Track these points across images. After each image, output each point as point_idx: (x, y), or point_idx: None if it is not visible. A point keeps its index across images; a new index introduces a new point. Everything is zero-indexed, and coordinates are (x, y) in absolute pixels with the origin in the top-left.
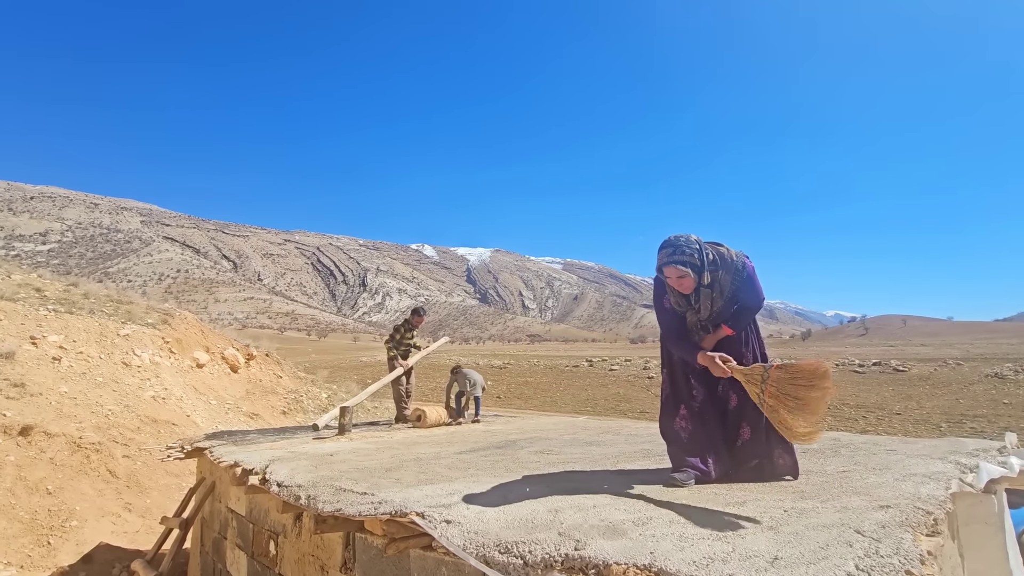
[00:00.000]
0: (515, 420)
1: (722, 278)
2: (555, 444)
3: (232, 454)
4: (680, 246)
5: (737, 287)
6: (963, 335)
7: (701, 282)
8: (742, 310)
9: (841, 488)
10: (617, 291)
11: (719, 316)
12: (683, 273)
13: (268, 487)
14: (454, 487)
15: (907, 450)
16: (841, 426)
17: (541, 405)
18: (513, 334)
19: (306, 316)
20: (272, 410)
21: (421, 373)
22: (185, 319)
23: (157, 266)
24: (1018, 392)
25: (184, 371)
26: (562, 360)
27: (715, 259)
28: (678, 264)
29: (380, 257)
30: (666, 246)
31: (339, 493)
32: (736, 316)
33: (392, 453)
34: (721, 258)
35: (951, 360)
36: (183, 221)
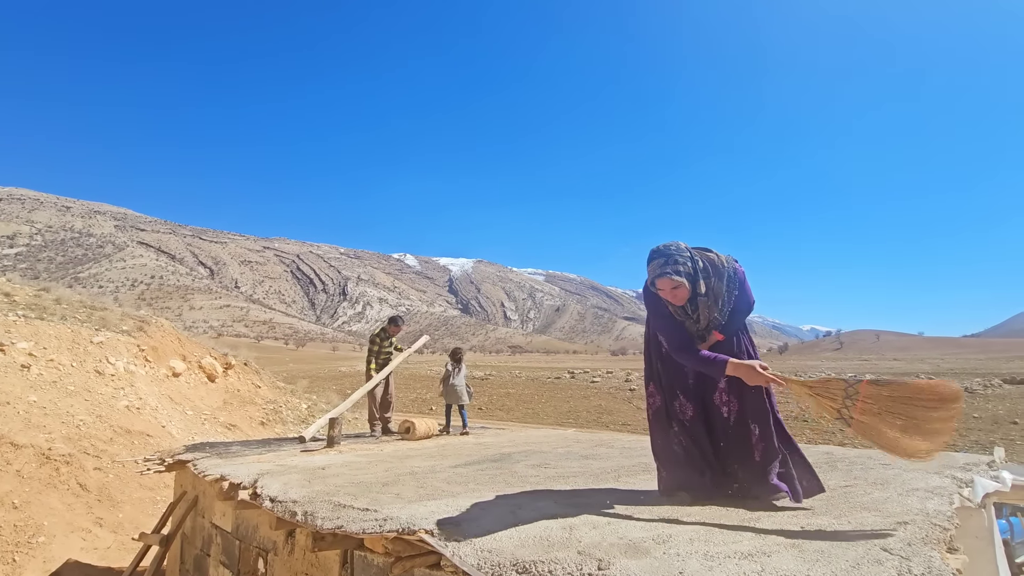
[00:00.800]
0: (505, 432)
1: (715, 285)
2: (551, 457)
3: (217, 467)
4: (672, 255)
5: (731, 293)
6: (933, 350)
7: (697, 291)
8: (734, 314)
9: (848, 504)
10: (599, 303)
11: (714, 324)
12: (677, 284)
13: (260, 502)
14: (458, 503)
15: (902, 463)
16: (820, 439)
17: (523, 417)
18: (495, 345)
19: (284, 325)
20: (250, 421)
21: (402, 384)
22: (161, 327)
23: (131, 272)
24: (987, 406)
25: (160, 380)
26: (544, 372)
27: (706, 266)
28: (672, 275)
29: (361, 266)
30: (656, 256)
31: (338, 509)
32: (728, 321)
33: (386, 467)
34: (712, 265)
35: (923, 374)
36: (159, 226)
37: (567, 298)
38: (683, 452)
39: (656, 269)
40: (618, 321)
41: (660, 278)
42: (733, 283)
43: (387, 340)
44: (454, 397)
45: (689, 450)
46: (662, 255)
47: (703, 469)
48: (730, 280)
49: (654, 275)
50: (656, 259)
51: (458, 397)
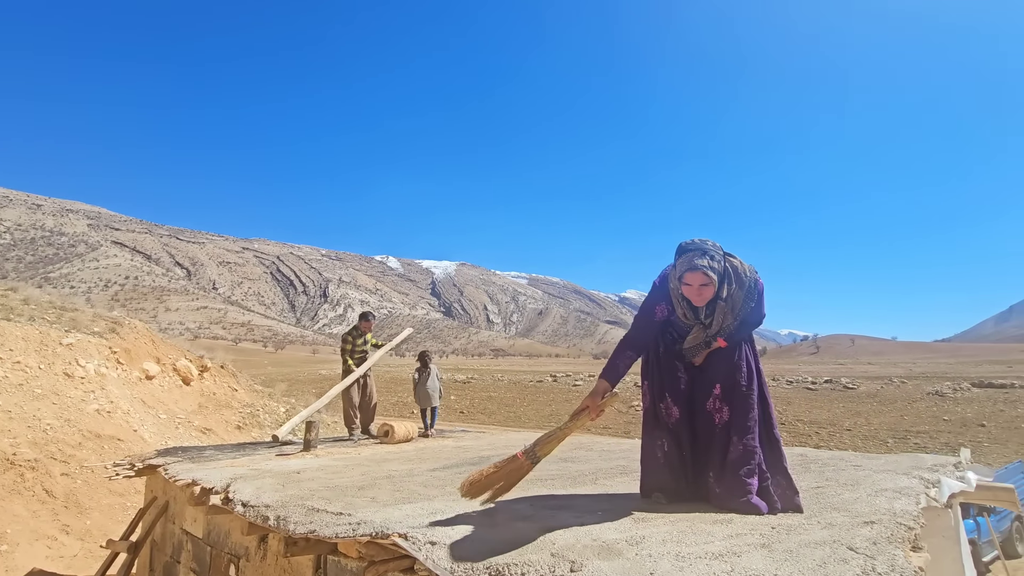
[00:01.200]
0: (485, 436)
1: (735, 293)
2: None
3: (189, 472)
4: (707, 250)
5: (747, 304)
6: (906, 354)
7: (719, 294)
8: (743, 325)
9: (820, 504)
10: (581, 307)
11: (724, 332)
12: (708, 281)
13: (232, 507)
14: (434, 506)
15: (872, 465)
16: (796, 442)
17: (505, 420)
18: (477, 348)
19: (263, 327)
20: (226, 425)
21: (384, 388)
22: (135, 328)
23: (104, 272)
24: (956, 409)
25: (132, 383)
26: (526, 375)
27: (731, 271)
28: (706, 270)
29: (343, 268)
30: (690, 248)
31: (312, 513)
32: (735, 330)
33: (362, 470)
34: (735, 271)
35: (896, 378)
36: (134, 226)
37: (550, 302)
38: (663, 456)
39: (688, 262)
40: (600, 325)
41: (692, 271)
42: (752, 295)
43: (360, 337)
44: (425, 400)
45: (669, 455)
46: (698, 248)
47: (680, 476)
48: (749, 291)
49: (686, 267)
50: (691, 251)
51: (428, 400)
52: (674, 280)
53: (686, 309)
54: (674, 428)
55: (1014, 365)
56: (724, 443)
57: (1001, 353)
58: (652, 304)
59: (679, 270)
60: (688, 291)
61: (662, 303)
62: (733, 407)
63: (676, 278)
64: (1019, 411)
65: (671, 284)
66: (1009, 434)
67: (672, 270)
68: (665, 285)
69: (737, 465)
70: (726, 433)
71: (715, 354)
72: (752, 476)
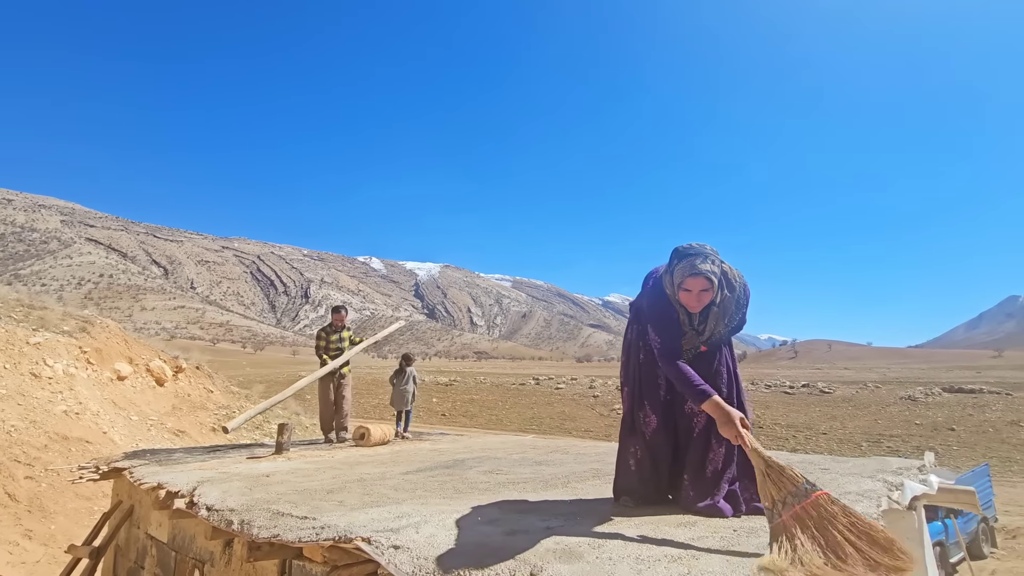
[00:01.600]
0: (462, 439)
1: (727, 299)
2: (504, 464)
3: (155, 475)
4: (708, 255)
5: (739, 310)
6: (881, 360)
7: (714, 300)
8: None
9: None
10: (565, 310)
11: (714, 339)
12: (707, 286)
13: (196, 511)
14: (402, 510)
15: (839, 468)
16: (774, 445)
17: (487, 423)
18: (460, 351)
19: (242, 327)
20: (201, 427)
21: (364, 390)
22: (107, 327)
23: (77, 270)
24: (928, 414)
25: (103, 384)
26: (508, 378)
27: (722, 276)
28: (709, 275)
29: (325, 268)
30: (691, 253)
31: (276, 517)
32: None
33: (334, 474)
34: (726, 276)
35: (870, 383)
36: (110, 223)
37: (534, 305)
38: (635, 464)
39: (690, 267)
40: (584, 328)
41: (694, 276)
42: (742, 300)
43: (335, 333)
44: (399, 402)
45: (641, 463)
46: (698, 253)
47: (651, 482)
48: (739, 297)
49: (687, 272)
50: (692, 256)
51: (403, 402)
52: (670, 286)
53: (683, 315)
54: (651, 437)
55: (983, 371)
56: (701, 448)
57: (971, 359)
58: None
59: (679, 276)
60: (687, 297)
61: (668, 304)
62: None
63: (675, 284)
64: (987, 416)
65: (667, 290)
66: (977, 438)
67: (667, 274)
68: (660, 287)
69: (712, 470)
70: (704, 438)
71: (696, 359)
72: (723, 480)
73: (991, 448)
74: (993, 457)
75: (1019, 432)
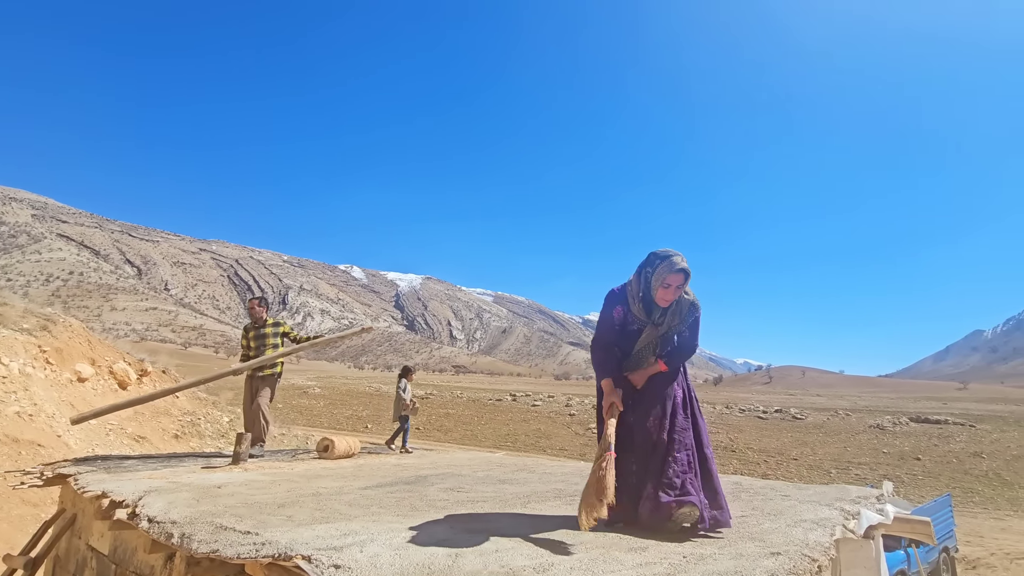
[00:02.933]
0: (429, 454)
1: (682, 298)
2: (467, 481)
3: (101, 483)
4: (681, 255)
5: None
6: (852, 388)
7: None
8: (679, 350)
9: (738, 534)
10: (545, 327)
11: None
12: (684, 281)
13: (137, 523)
14: (351, 527)
15: (800, 496)
16: (745, 470)
17: (461, 439)
18: (439, 364)
19: (215, 332)
20: (163, 433)
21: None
22: (70, 327)
23: (46, 266)
24: (895, 443)
25: (61, 385)
26: (486, 393)
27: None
28: (687, 270)
29: (304, 275)
30: (671, 254)
31: (219, 532)
32: (672, 355)
33: (289, 487)
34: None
35: (841, 410)
36: (84, 219)
37: (514, 320)
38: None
39: (673, 264)
40: (563, 346)
41: (676, 272)
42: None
43: (259, 328)
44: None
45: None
46: (676, 253)
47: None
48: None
49: (671, 269)
50: (671, 256)
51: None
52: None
53: (646, 308)
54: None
55: (948, 402)
56: (659, 463)
57: (937, 390)
58: (611, 307)
59: (663, 272)
60: (665, 293)
61: (619, 305)
62: (670, 429)
63: (653, 282)
64: (951, 446)
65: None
66: (942, 468)
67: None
68: (624, 291)
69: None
70: (662, 452)
71: (655, 378)
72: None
73: (955, 479)
74: (956, 488)
75: (981, 464)
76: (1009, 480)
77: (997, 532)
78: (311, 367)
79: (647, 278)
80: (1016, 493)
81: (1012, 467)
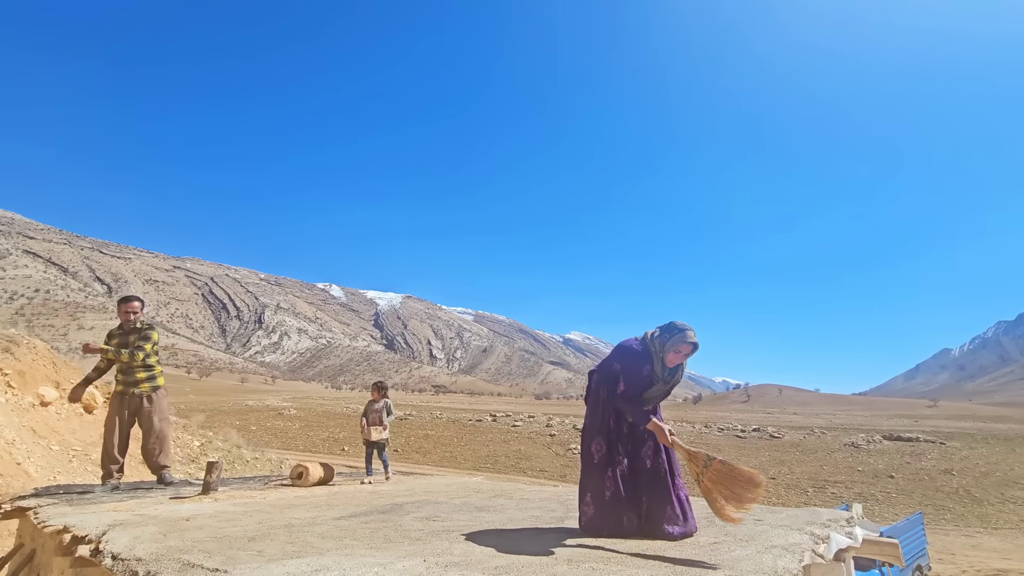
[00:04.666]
0: (406, 480)
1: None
2: (444, 509)
3: (63, 516)
4: (695, 332)
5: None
6: (827, 406)
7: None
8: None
9: (711, 559)
10: (526, 346)
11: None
12: (692, 352)
13: (100, 559)
14: (322, 562)
15: (772, 519)
16: None
17: (440, 460)
18: (418, 383)
19: (188, 351)
20: (130, 459)
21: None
22: (34, 348)
23: (10, 283)
24: (869, 460)
25: (22, 410)
26: (466, 413)
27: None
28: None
29: (282, 293)
30: (686, 328)
31: (186, 569)
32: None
33: (261, 518)
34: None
35: (817, 429)
36: (52, 235)
37: (495, 339)
38: (611, 496)
39: (686, 337)
40: (544, 365)
41: (688, 344)
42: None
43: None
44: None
45: (616, 495)
46: (689, 328)
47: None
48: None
49: (684, 340)
50: (686, 330)
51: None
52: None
53: (663, 369)
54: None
55: (919, 419)
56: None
57: (909, 408)
58: (640, 365)
59: (676, 341)
60: (676, 358)
61: (647, 364)
62: (666, 455)
63: (666, 346)
64: (923, 464)
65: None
66: (914, 485)
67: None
68: (647, 349)
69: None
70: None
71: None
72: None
73: (927, 496)
74: (928, 505)
75: (951, 481)
76: (979, 497)
77: (968, 549)
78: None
79: (663, 343)
80: (985, 510)
81: (981, 484)
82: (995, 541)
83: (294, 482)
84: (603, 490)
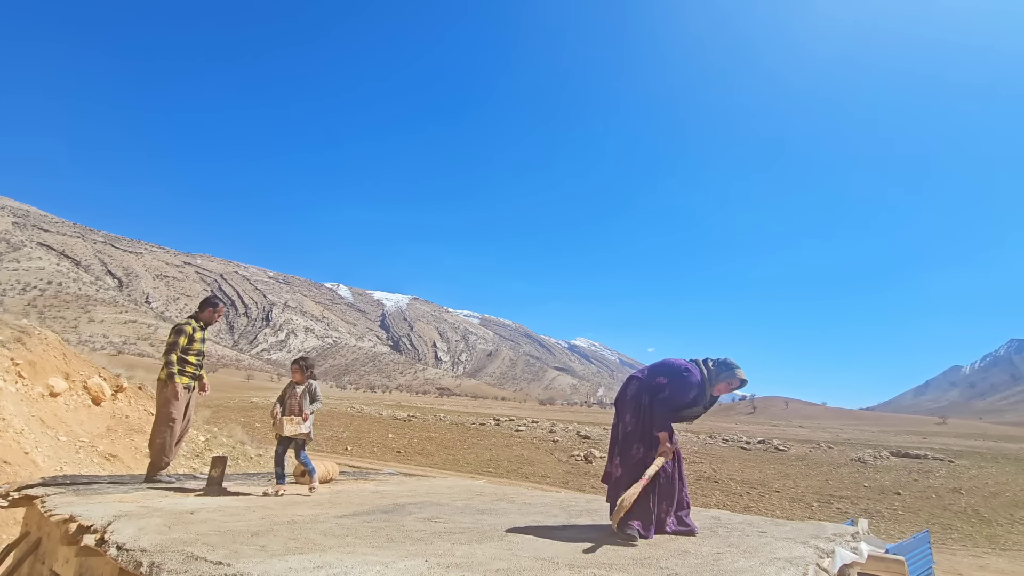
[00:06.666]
0: (409, 481)
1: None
2: (446, 511)
3: (69, 506)
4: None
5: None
6: (834, 420)
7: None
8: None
9: (713, 571)
10: (531, 351)
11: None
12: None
13: (105, 549)
14: (324, 559)
15: (776, 532)
16: (728, 501)
17: (442, 463)
18: (422, 385)
19: None
20: (135, 452)
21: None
22: (45, 339)
23: (24, 275)
24: (876, 476)
25: (32, 400)
26: (469, 416)
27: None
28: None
29: (290, 292)
30: (737, 366)
31: (189, 561)
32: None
33: (264, 514)
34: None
35: (823, 443)
36: (66, 228)
37: (500, 343)
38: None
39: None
40: (549, 371)
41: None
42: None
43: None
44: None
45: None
46: (738, 366)
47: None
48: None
49: (735, 376)
50: (736, 368)
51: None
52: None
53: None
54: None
55: (928, 436)
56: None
57: (917, 424)
58: (691, 385)
59: (728, 376)
60: (723, 388)
61: (697, 388)
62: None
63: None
64: (931, 481)
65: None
66: (921, 503)
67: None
68: (703, 380)
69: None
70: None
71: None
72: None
73: (934, 514)
74: (935, 523)
75: (959, 500)
76: (987, 517)
77: (975, 570)
78: None
79: (718, 373)
80: (994, 530)
81: (990, 504)
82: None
83: (298, 479)
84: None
